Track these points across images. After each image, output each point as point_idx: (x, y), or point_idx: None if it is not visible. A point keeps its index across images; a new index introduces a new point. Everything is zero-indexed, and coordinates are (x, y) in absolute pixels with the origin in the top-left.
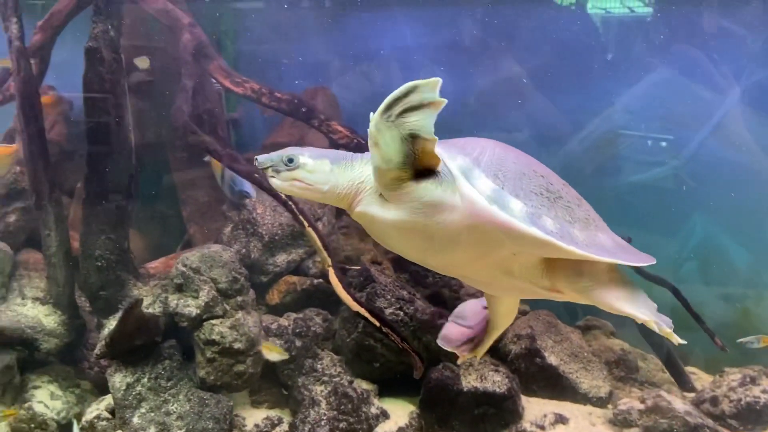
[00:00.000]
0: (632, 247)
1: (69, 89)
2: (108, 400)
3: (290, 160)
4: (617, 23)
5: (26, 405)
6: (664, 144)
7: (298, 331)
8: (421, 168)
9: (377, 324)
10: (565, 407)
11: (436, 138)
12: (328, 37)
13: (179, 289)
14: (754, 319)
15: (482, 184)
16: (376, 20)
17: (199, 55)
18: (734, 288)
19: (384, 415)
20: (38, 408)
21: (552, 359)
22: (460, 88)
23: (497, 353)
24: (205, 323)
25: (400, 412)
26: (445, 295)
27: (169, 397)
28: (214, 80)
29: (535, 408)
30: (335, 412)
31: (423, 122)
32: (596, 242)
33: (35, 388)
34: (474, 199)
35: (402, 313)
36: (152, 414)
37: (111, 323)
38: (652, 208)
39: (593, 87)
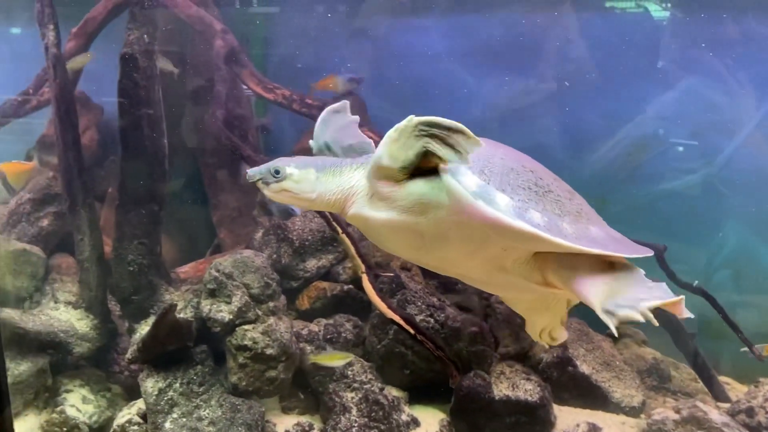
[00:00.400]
0: (628, 240)
1: (98, 95)
2: (139, 404)
3: (277, 172)
4: (650, 28)
5: (58, 409)
6: (697, 151)
7: (329, 337)
8: (413, 171)
9: (411, 332)
10: (598, 416)
11: (448, 160)
12: (359, 44)
13: (212, 294)
14: None
15: (468, 180)
16: (407, 26)
17: (231, 62)
18: None
19: (415, 422)
20: (70, 412)
21: (584, 368)
22: (490, 93)
23: (529, 362)
24: (237, 329)
25: (430, 419)
26: (474, 302)
27: (201, 403)
28: (245, 86)
29: (567, 417)
30: (366, 419)
31: (438, 150)
32: (586, 235)
33: (67, 391)
34: (459, 195)
35: (433, 320)
36: (184, 419)
37: (143, 328)
38: (684, 215)
39: (625, 92)
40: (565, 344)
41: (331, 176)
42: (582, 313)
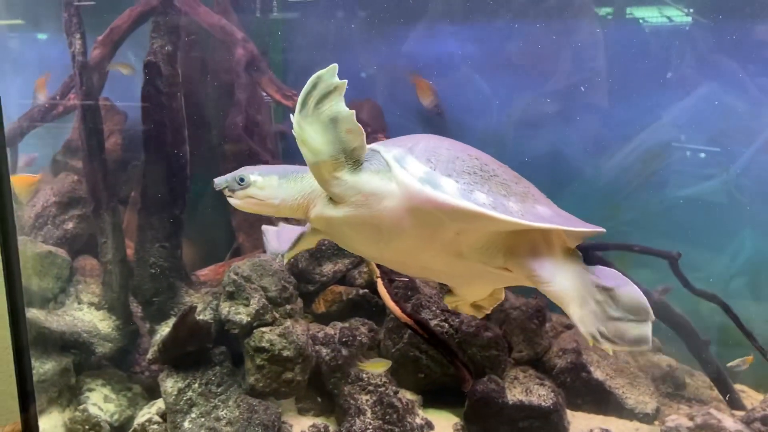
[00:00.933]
0: (576, 218)
1: (122, 101)
2: (159, 404)
3: (242, 180)
4: (666, 34)
5: (81, 407)
6: (713, 158)
7: (344, 340)
8: (350, 149)
9: (426, 336)
10: (611, 422)
11: (353, 111)
12: (377, 51)
13: (231, 296)
14: None
15: (414, 167)
16: (426, 34)
17: (252, 69)
18: None
19: (428, 426)
20: (93, 410)
21: (598, 374)
22: (505, 101)
23: (542, 367)
24: (255, 331)
25: (444, 423)
26: None
27: (219, 403)
28: (264, 93)
29: (580, 423)
30: (380, 422)
31: (336, 105)
32: (532, 212)
33: (90, 390)
34: (407, 182)
35: (447, 324)
36: (202, 419)
37: (164, 329)
38: (701, 222)
39: (641, 100)
40: (579, 350)
41: (293, 182)
42: None
